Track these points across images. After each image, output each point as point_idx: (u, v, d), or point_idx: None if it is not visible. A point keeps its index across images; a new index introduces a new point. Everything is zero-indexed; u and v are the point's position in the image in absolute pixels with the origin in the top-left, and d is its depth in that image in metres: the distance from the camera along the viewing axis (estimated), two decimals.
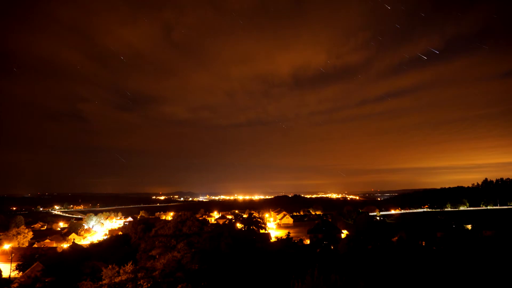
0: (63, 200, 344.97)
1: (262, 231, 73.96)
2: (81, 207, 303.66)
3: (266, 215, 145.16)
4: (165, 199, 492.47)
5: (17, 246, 71.55)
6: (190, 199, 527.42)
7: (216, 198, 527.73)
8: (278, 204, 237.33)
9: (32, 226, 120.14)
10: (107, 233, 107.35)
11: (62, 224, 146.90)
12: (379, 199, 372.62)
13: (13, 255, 54.17)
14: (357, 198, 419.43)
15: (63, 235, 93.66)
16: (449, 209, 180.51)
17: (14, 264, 50.00)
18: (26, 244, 76.63)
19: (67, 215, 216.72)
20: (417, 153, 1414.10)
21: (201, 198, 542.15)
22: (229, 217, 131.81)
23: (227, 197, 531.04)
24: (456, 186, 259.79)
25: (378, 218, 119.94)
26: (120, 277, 27.71)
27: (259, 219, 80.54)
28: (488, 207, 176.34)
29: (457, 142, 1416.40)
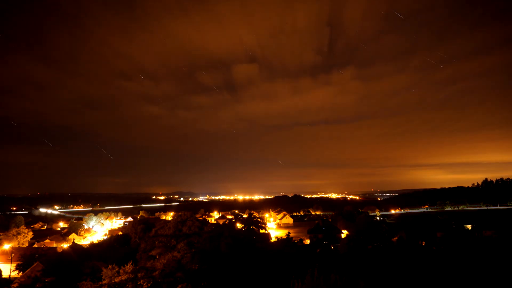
0: (63, 200, 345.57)
1: (262, 231, 73.99)
2: (81, 207, 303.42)
3: (266, 215, 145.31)
4: (165, 199, 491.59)
5: (17, 246, 71.44)
6: (190, 199, 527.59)
7: (216, 198, 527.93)
8: (278, 204, 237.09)
9: (32, 226, 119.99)
10: (107, 233, 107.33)
11: (62, 224, 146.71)
12: (379, 199, 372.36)
13: (13, 255, 54.15)
14: (357, 198, 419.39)
15: (63, 235, 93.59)
16: (449, 209, 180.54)
17: (14, 264, 50.02)
18: (26, 244, 76.54)
19: (67, 215, 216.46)
20: (417, 152, 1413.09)
21: (201, 198, 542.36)
22: (229, 217, 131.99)
23: (227, 197, 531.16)
24: (456, 186, 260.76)
25: (378, 218, 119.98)
26: (120, 277, 27.74)
27: (259, 219, 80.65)
28: (488, 207, 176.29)
29: (457, 141, 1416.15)
